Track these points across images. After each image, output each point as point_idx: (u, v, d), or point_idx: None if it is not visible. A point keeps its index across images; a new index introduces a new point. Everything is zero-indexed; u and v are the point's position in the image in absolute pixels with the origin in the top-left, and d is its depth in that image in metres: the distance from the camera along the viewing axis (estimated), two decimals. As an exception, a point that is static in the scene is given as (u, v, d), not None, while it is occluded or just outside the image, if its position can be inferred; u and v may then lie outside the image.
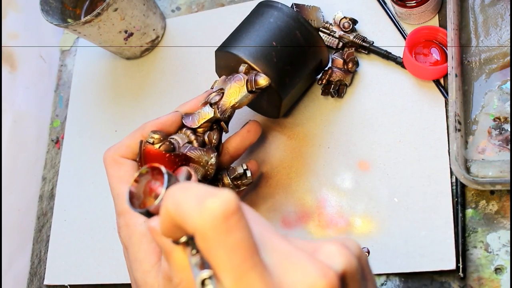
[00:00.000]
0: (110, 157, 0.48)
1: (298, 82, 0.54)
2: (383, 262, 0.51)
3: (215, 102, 0.51)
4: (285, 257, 0.29)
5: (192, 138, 0.50)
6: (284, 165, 0.58)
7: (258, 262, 0.28)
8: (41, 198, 0.71)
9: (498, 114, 0.51)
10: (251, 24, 0.55)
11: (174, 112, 0.51)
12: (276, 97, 0.53)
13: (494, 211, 0.50)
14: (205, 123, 0.51)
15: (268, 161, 0.59)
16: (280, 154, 0.59)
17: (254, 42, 0.53)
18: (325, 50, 0.55)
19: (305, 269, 0.29)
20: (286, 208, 0.57)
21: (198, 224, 0.28)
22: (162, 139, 0.47)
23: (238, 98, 0.51)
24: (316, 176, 0.57)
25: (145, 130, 0.49)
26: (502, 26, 0.53)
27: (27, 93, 0.72)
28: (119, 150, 0.48)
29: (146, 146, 0.47)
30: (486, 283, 0.48)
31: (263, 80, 0.50)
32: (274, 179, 0.58)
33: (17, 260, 0.67)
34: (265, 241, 0.30)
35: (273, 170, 0.59)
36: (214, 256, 0.28)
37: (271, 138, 0.60)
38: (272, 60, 0.52)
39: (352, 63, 0.57)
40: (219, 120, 0.51)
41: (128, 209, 0.45)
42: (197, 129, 0.51)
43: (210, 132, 0.51)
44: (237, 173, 0.52)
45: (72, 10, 0.68)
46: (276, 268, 0.29)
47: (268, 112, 0.57)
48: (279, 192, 0.57)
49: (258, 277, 0.28)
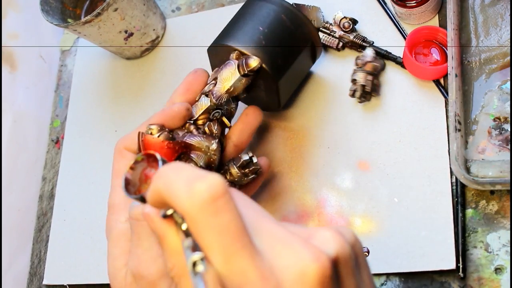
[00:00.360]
0: (117, 148, 0.49)
1: (292, 63, 0.54)
2: (383, 262, 0.51)
3: (209, 90, 0.51)
4: (277, 241, 0.30)
5: (191, 129, 0.50)
6: (284, 165, 0.58)
7: (247, 243, 0.28)
8: (41, 198, 0.71)
9: (498, 114, 0.51)
10: (237, 16, 0.55)
11: (180, 104, 0.50)
12: (271, 81, 0.53)
13: (494, 211, 0.50)
14: (204, 114, 0.51)
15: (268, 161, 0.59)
16: (280, 154, 0.59)
17: (241, 30, 0.53)
18: (314, 32, 0.55)
19: (297, 252, 0.29)
20: (286, 208, 0.57)
21: (187, 206, 0.28)
22: (160, 129, 0.47)
23: (231, 82, 0.50)
24: (316, 176, 0.57)
25: (151, 121, 0.49)
26: (502, 26, 0.54)
27: (27, 93, 0.72)
28: (126, 141, 0.49)
29: (144, 136, 0.47)
30: (486, 283, 0.48)
31: (254, 62, 0.50)
32: (274, 179, 0.58)
33: (17, 260, 0.67)
34: (257, 225, 0.30)
35: (273, 170, 0.59)
36: (203, 238, 0.28)
37: (271, 138, 0.60)
38: (260, 43, 0.52)
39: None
40: (219, 108, 0.51)
41: (115, 203, 0.46)
42: (197, 122, 0.51)
43: (210, 122, 0.51)
44: (243, 160, 0.51)
45: (72, 10, 0.68)
46: (267, 251, 0.29)
47: (269, 105, 0.57)
48: (279, 192, 0.57)
49: (247, 258, 0.28)
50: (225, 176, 0.52)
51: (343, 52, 0.60)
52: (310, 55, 0.57)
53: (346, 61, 0.60)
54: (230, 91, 0.51)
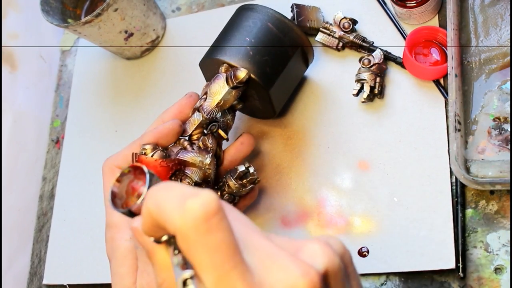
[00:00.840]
0: (107, 166, 0.48)
1: (281, 70, 0.54)
2: (382, 261, 0.51)
3: (200, 105, 0.51)
4: (267, 257, 0.29)
5: (185, 145, 0.50)
6: (284, 165, 0.58)
7: (239, 262, 0.28)
8: (41, 198, 0.71)
9: (498, 114, 0.51)
10: (225, 28, 0.56)
11: (172, 121, 0.50)
12: (262, 90, 0.53)
13: (494, 211, 0.50)
14: (197, 129, 0.51)
15: (268, 161, 0.59)
16: (280, 154, 0.59)
17: (229, 42, 0.54)
18: (303, 37, 0.55)
19: (286, 268, 0.29)
20: (286, 208, 0.57)
21: (179, 224, 0.28)
22: (153, 148, 0.47)
23: (221, 96, 0.51)
24: (316, 176, 0.57)
25: (143, 140, 0.49)
26: (502, 26, 0.54)
27: (27, 93, 0.72)
28: (116, 160, 0.48)
29: (138, 157, 0.47)
30: (486, 283, 0.48)
31: (242, 73, 0.50)
32: (274, 179, 0.58)
33: (17, 259, 0.67)
34: (247, 241, 0.30)
35: (273, 170, 0.59)
36: (195, 257, 0.28)
37: (271, 138, 0.60)
38: (248, 54, 0.52)
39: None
40: (215, 121, 0.51)
41: (116, 222, 0.46)
42: (191, 137, 0.51)
43: (204, 137, 0.51)
44: (239, 171, 0.51)
45: (73, 10, 0.68)
46: (257, 267, 0.29)
47: (265, 113, 0.57)
48: (279, 192, 0.58)
49: (239, 277, 0.28)
50: (224, 189, 0.52)
51: (343, 52, 0.61)
52: (302, 60, 0.57)
53: (346, 61, 0.60)
54: (221, 105, 0.51)
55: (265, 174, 0.59)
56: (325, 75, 0.61)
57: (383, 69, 0.56)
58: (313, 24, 0.60)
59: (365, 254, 0.52)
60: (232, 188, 0.51)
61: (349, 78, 0.59)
